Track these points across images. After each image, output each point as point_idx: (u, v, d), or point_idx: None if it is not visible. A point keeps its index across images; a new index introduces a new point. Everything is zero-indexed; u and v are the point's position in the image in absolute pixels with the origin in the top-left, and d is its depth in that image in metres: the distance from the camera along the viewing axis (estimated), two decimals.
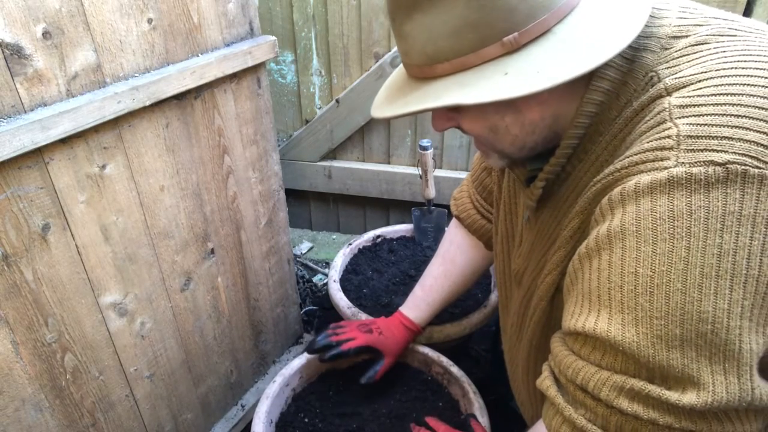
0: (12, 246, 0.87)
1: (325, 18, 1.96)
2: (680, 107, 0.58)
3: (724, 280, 0.53)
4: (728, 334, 0.53)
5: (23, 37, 0.82)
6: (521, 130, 0.69)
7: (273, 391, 1.21)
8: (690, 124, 0.56)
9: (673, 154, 0.56)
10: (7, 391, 0.92)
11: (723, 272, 0.53)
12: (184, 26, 1.08)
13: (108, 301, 1.06)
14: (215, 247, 1.30)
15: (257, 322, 1.53)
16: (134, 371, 1.16)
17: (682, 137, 0.56)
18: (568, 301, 0.67)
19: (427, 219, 1.85)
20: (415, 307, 1.29)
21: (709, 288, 0.53)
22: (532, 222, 0.87)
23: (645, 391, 0.57)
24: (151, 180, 1.09)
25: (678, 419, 0.56)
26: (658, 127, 0.59)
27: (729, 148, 0.53)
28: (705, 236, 0.53)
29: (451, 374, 1.25)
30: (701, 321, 0.54)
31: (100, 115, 0.92)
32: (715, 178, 0.53)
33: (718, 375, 0.54)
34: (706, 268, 0.53)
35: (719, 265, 0.53)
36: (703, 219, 0.53)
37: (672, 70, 0.62)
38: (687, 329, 0.54)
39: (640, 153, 0.59)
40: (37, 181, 0.89)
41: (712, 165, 0.53)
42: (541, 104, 0.67)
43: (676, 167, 0.55)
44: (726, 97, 0.56)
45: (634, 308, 0.57)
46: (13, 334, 0.90)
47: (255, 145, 1.35)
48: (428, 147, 1.75)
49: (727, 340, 0.53)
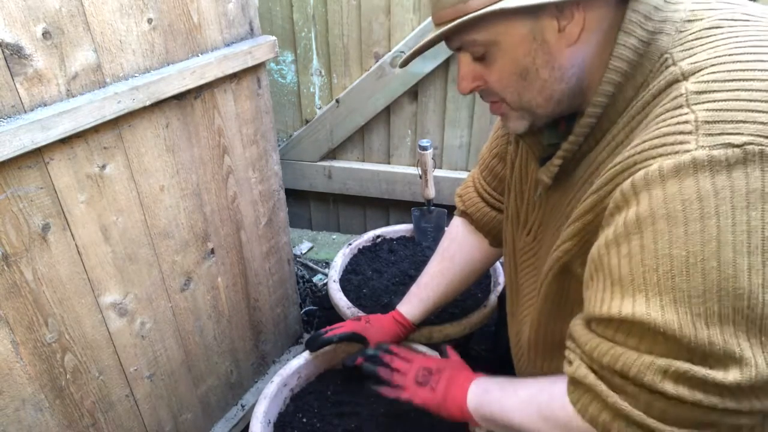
0: (12, 246, 0.87)
1: (325, 18, 1.96)
2: (696, 93, 0.60)
3: (755, 255, 0.55)
4: (764, 308, 0.55)
5: (23, 37, 0.82)
6: (551, 74, 0.70)
7: (271, 391, 1.21)
8: (706, 110, 0.58)
9: (693, 138, 0.58)
10: (7, 391, 0.92)
11: (754, 248, 0.55)
12: (184, 26, 1.08)
13: (108, 301, 1.06)
14: (215, 247, 1.30)
15: (257, 322, 1.53)
16: (134, 371, 1.16)
17: (700, 122, 0.58)
18: (592, 288, 0.68)
19: (427, 219, 1.85)
20: (408, 302, 1.29)
21: (742, 264, 0.55)
22: (543, 200, 0.88)
23: (690, 372, 0.58)
24: (151, 180, 1.09)
25: (722, 399, 0.57)
26: (675, 111, 0.61)
27: (744, 130, 0.56)
28: (733, 214, 0.55)
29: None
30: (737, 297, 0.55)
31: (100, 115, 0.92)
32: (735, 159, 0.55)
33: (757, 348, 0.56)
34: (737, 245, 0.55)
35: (749, 242, 0.55)
36: (729, 198, 0.55)
37: (686, 53, 0.65)
38: (725, 306, 0.56)
39: (660, 137, 0.61)
40: (37, 181, 0.89)
41: (730, 147, 0.55)
42: (571, 46, 0.68)
43: (698, 150, 0.57)
44: (738, 83, 0.59)
45: (672, 289, 0.58)
46: (13, 334, 0.90)
47: (255, 145, 1.35)
48: (428, 147, 1.75)
49: (763, 315, 0.55)
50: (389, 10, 1.88)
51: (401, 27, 1.90)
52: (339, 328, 1.24)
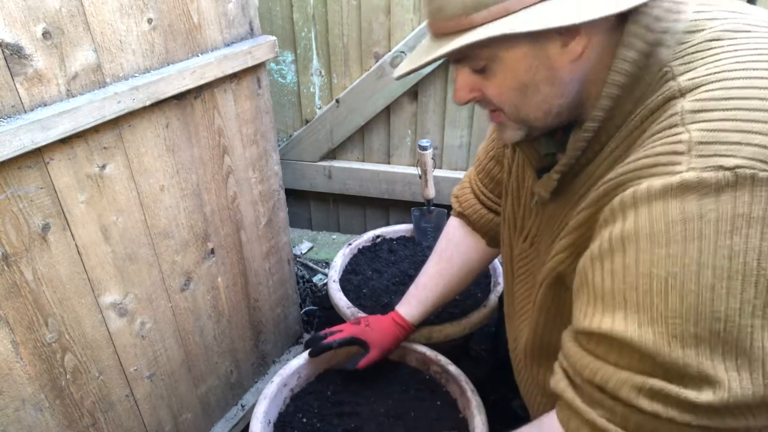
0: (12, 246, 0.87)
1: (325, 18, 1.96)
2: (692, 112, 0.59)
3: (735, 280, 0.54)
4: (740, 332, 0.55)
5: (23, 37, 0.82)
6: (551, 90, 0.69)
7: (271, 391, 1.21)
8: (701, 130, 0.58)
9: (685, 159, 0.57)
10: (7, 391, 0.92)
11: (734, 273, 0.54)
12: (184, 26, 1.08)
13: (108, 301, 1.06)
14: (215, 247, 1.30)
15: (257, 322, 1.53)
16: (134, 371, 1.16)
17: (694, 143, 0.57)
18: (578, 300, 0.68)
19: (427, 219, 1.85)
20: (407, 303, 1.29)
21: (721, 288, 0.55)
22: (540, 209, 0.87)
23: (664, 390, 0.58)
24: (151, 180, 1.09)
25: (696, 417, 0.57)
26: (670, 130, 0.60)
27: (737, 152, 0.54)
28: (716, 238, 0.55)
29: (448, 373, 1.26)
30: (714, 320, 0.55)
31: (100, 115, 0.92)
32: (725, 182, 0.54)
33: (732, 372, 0.55)
34: (717, 270, 0.55)
35: (730, 266, 0.54)
36: (713, 221, 0.55)
37: (685, 66, 0.64)
38: (701, 328, 0.56)
39: (653, 156, 0.60)
40: (37, 181, 0.89)
41: (721, 170, 0.54)
42: (573, 63, 0.67)
43: (688, 172, 0.56)
44: (735, 101, 0.57)
45: (649, 308, 0.58)
46: (13, 334, 0.90)
47: (255, 145, 1.35)
48: (428, 147, 1.75)
49: (738, 338, 0.55)
50: (389, 10, 1.88)
51: (401, 27, 1.90)
52: (339, 332, 1.24)
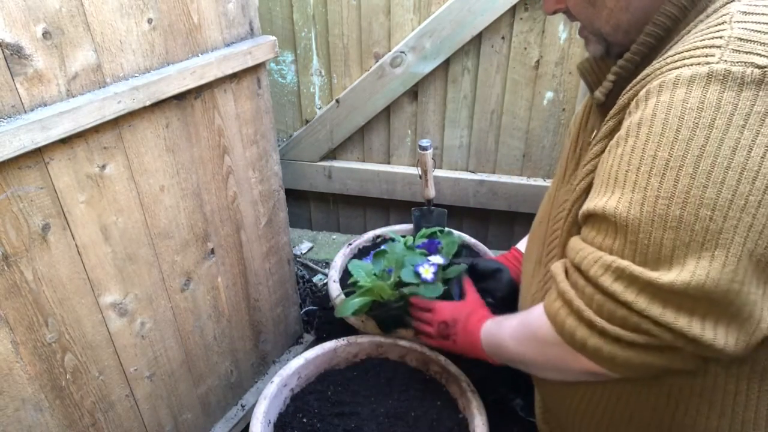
0: (12, 246, 0.87)
1: (325, 18, 1.96)
2: (743, 13, 0.61)
3: (734, 172, 0.56)
4: (725, 222, 0.56)
5: (23, 37, 0.82)
6: (616, 4, 0.73)
7: (271, 391, 1.21)
8: (744, 28, 0.59)
9: (719, 51, 0.58)
10: (7, 391, 0.92)
11: (735, 165, 0.56)
12: (184, 26, 1.08)
13: (108, 301, 1.06)
14: (215, 247, 1.30)
15: (257, 322, 1.53)
16: (134, 371, 1.16)
17: (733, 38, 0.59)
18: (592, 191, 0.71)
19: (427, 219, 1.85)
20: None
21: (717, 176, 0.56)
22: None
23: (628, 270, 0.60)
24: (151, 180, 1.09)
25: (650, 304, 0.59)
26: (716, 27, 0.62)
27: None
28: (726, 129, 0.56)
29: (449, 373, 1.26)
30: (703, 205, 0.57)
31: (100, 115, 0.92)
32: (750, 79, 0.56)
33: (704, 261, 0.57)
34: (719, 159, 0.56)
35: (732, 158, 0.56)
36: (728, 114, 0.56)
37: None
38: (688, 212, 0.57)
39: (691, 49, 0.62)
40: (37, 181, 0.89)
41: (751, 66, 0.56)
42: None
43: (718, 63, 0.57)
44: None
45: (644, 188, 0.60)
46: (13, 334, 0.90)
47: (255, 145, 1.35)
48: (428, 147, 1.75)
49: (722, 228, 0.56)
50: (389, 10, 1.88)
51: (401, 27, 1.90)
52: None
